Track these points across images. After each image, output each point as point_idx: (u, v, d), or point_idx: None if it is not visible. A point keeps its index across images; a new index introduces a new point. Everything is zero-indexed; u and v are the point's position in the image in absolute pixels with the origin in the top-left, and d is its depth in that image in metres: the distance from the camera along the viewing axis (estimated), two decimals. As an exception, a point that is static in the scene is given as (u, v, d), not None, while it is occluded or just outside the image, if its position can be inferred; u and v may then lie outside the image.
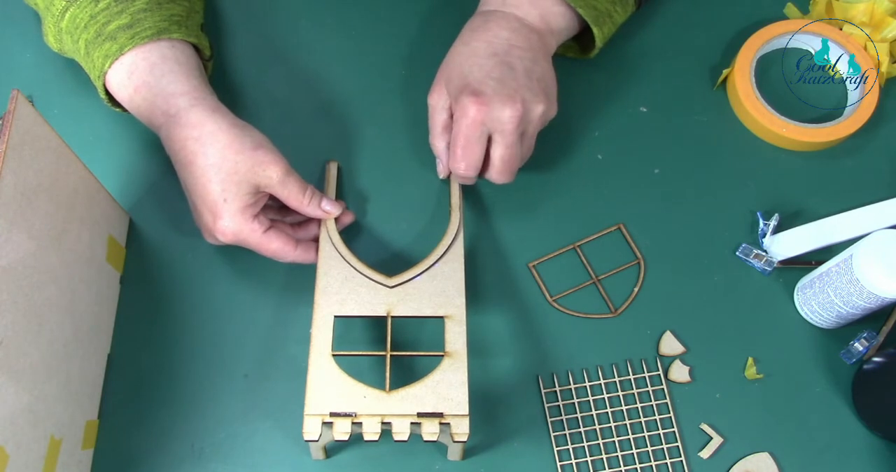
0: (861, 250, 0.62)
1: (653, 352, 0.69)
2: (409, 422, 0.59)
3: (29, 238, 0.55)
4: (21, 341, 0.54)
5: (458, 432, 0.59)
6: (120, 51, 0.64)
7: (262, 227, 0.64)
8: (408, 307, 0.64)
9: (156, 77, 0.65)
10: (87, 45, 0.65)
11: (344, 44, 0.79)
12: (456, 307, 0.64)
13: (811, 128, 0.75)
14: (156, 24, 0.65)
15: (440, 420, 0.59)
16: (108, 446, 0.66)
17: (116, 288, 0.70)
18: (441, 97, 0.68)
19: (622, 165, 0.75)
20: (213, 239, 0.66)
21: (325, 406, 0.59)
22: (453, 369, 0.61)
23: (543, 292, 0.71)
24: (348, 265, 0.66)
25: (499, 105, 0.63)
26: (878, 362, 0.67)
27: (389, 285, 0.65)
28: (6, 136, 0.52)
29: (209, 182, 0.62)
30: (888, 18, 0.78)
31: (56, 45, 0.70)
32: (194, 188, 0.63)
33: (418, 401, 0.60)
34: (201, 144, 0.62)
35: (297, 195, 0.65)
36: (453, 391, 0.60)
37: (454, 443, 0.60)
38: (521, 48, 0.66)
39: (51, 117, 0.59)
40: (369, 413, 0.59)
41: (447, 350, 0.62)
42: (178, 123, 0.63)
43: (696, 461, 0.66)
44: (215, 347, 0.69)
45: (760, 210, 0.73)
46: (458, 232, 0.68)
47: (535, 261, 0.72)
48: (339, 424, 0.59)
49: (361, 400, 0.60)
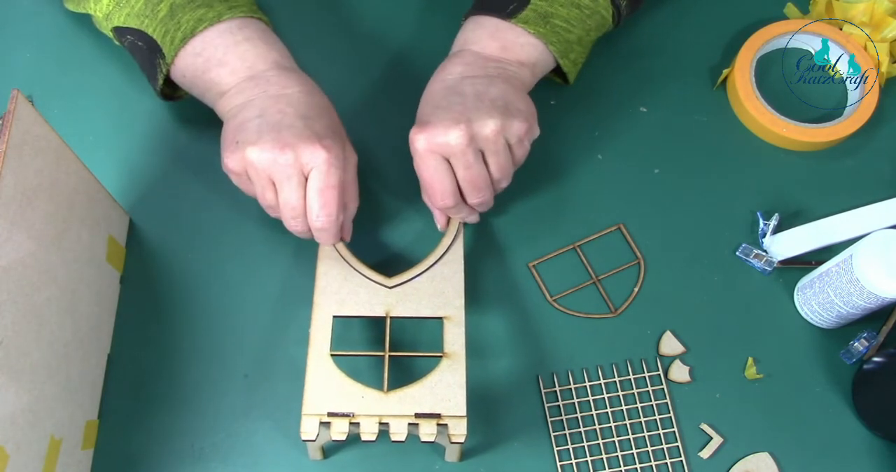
0: (861, 250, 0.62)
1: (653, 352, 0.69)
2: (407, 423, 0.59)
3: (29, 238, 0.55)
4: (21, 341, 0.54)
5: (455, 433, 0.59)
6: (218, 18, 0.65)
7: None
8: (406, 308, 0.64)
9: (268, 35, 0.67)
10: (172, 7, 0.65)
11: (342, 44, 0.79)
12: (455, 308, 0.64)
13: (811, 128, 0.75)
14: (247, 4, 0.67)
15: (438, 421, 0.59)
16: (108, 446, 0.66)
17: (116, 288, 0.70)
18: (415, 145, 0.64)
19: (622, 165, 0.75)
20: (309, 152, 0.60)
21: (322, 406, 0.59)
22: (451, 371, 0.61)
23: (543, 291, 0.71)
24: (348, 265, 0.66)
25: (442, 130, 0.62)
26: (878, 362, 0.67)
27: (389, 285, 0.65)
28: (6, 136, 0.52)
29: (335, 115, 0.66)
30: (888, 18, 0.78)
31: (107, 9, 0.67)
32: (319, 112, 0.64)
33: (416, 402, 0.59)
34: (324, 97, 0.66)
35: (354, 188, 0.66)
36: (451, 393, 0.60)
37: (451, 444, 0.60)
38: (473, 77, 0.65)
39: (51, 117, 0.59)
40: (367, 414, 0.59)
41: (446, 351, 0.62)
42: (296, 70, 0.66)
43: (696, 461, 0.66)
44: (215, 347, 0.69)
45: (760, 210, 0.73)
46: (458, 233, 0.68)
47: (535, 261, 0.72)
48: (337, 424, 0.59)
49: (359, 400, 0.60)
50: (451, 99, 0.64)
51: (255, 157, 0.60)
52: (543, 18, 0.67)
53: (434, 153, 0.63)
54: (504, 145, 0.64)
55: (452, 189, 0.64)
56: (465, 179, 0.64)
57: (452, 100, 0.63)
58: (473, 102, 0.63)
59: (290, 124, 0.61)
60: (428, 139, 0.62)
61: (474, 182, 0.64)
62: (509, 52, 0.67)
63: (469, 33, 0.69)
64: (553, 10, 0.67)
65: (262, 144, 0.60)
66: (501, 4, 0.67)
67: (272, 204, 0.63)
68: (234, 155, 0.61)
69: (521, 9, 0.67)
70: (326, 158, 0.60)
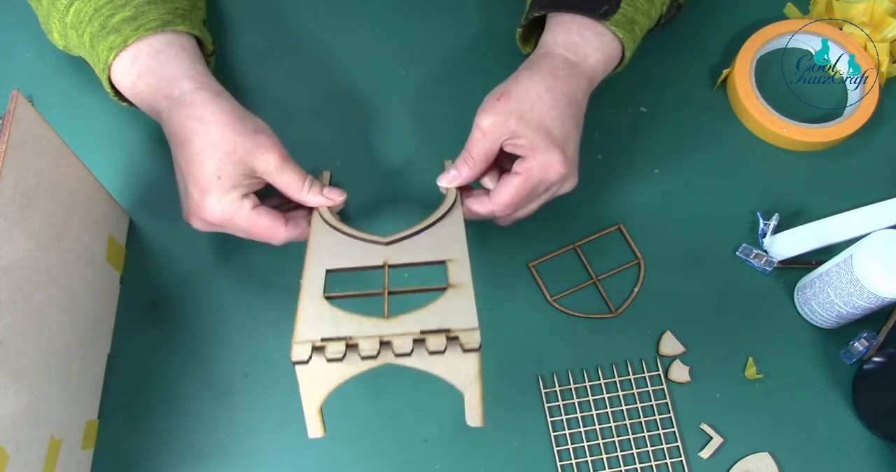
0: (861, 250, 0.62)
1: (653, 352, 0.69)
2: (412, 339, 0.51)
3: (29, 238, 0.55)
4: (21, 341, 0.55)
5: (468, 341, 0.51)
6: (124, 43, 0.64)
7: (251, 203, 0.62)
8: (406, 257, 0.59)
9: (160, 62, 0.64)
10: (91, 38, 0.65)
11: (344, 43, 0.79)
12: (458, 252, 0.58)
13: (811, 128, 0.75)
14: (160, 17, 0.65)
15: (447, 335, 0.51)
16: (108, 446, 0.66)
17: (116, 288, 0.70)
18: (500, 128, 0.63)
19: (622, 165, 0.75)
20: (199, 221, 0.62)
21: (316, 333, 0.53)
22: (459, 295, 0.54)
23: (543, 291, 0.71)
24: (341, 233, 0.62)
25: (572, 178, 0.65)
26: (878, 362, 0.67)
27: (384, 242, 0.61)
28: (6, 136, 0.52)
29: (206, 159, 0.61)
30: (888, 18, 0.78)
31: (62, 43, 0.70)
32: (189, 167, 0.61)
33: (422, 322, 0.52)
34: (203, 123, 0.61)
35: (297, 183, 0.63)
36: (460, 313, 0.53)
37: (465, 353, 0.51)
38: (582, 108, 0.66)
39: (51, 117, 0.59)
40: (366, 335, 0.52)
41: (451, 283, 0.56)
42: (182, 103, 0.63)
43: (696, 461, 0.66)
44: (215, 347, 0.69)
45: (760, 210, 0.73)
46: (456, 201, 0.65)
47: (535, 261, 0.72)
48: (332, 346, 0.52)
49: (357, 326, 0.53)
50: (576, 138, 0.65)
51: (199, 227, 0.64)
52: (629, 24, 0.67)
53: (534, 177, 0.63)
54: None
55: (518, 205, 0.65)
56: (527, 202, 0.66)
57: (577, 139, 0.65)
58: (574, 147, 0.65)
59: (182, 193, 0.64)
60: (560, 178, 0.63)
61: (531, 207, 0.66)
62: (609, 65, 0.68)
63: (575, 36, 0.66)
64: (636, 17, 0.68)
65: (188, 218, 0.64)
66: (594, 4, 0.66)
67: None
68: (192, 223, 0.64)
69: (612, 11, 0.66)
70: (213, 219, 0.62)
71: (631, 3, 0.67)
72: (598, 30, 0.66)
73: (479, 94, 0.69)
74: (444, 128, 0.74)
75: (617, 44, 0.67)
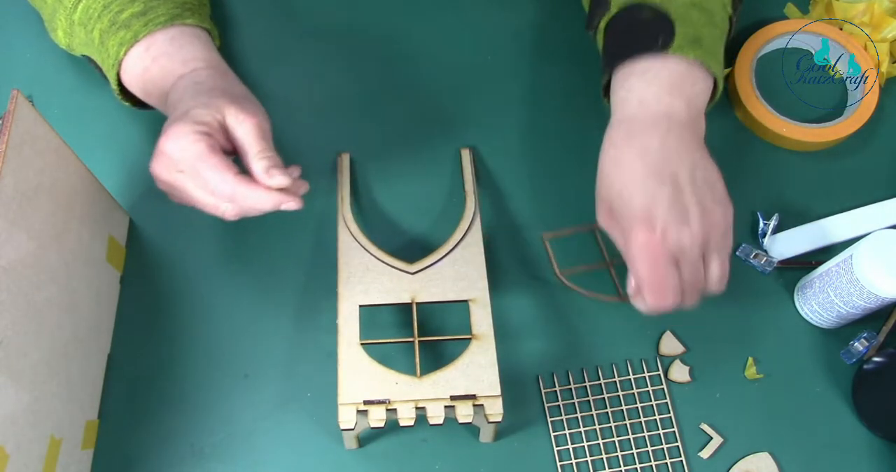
0: (861, 250, 0.62)
1: (653, 352, 0.69)
2: (443, 406, 0.59)
3: (29, 238, 0.55)
4: (21, 341, 0.55)
5: (491, 412, 0.59)
6: (134, 38, 0.64)
7: (210, 140, 0.57)
8: (431, 293, 0.65)
9: (175, 47, 0.64)
10: (101, 34, 0.65)
11: (348, 40, 0.79)
12: (479, 290, 0.65)
13: (811, 128, 0.75)
14: (169, 11, 0.66)
15: (473, 402, 0.60)
16: (108, 446, 0.66)
17: (116, 288, 0.70)
18: (612, 228, 0.62)
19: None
20: (157, 156, 0.58)
21: (358, 395, 0.60)
22: (482, 351, 0.62)
23: (553, 265, 0.68)
24: (368, 254, 0.66)
25: (675, 227, 0.58)
26: (878, 362, 0.67)
27: (411, 271, 0.66)
28: (6, 136, 0.52)
29: (188, 97, 0.59)
30: (888, 18, 0.78)
31: (65, 41, 0.69)
32: (171, 114, 0.59)
33: (450, 385, 0.60)
34: (198, 85, 0.61)
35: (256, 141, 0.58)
36: (484, 373, 0.61)
37: (488, 424, 0.61)
38: (677, 153, 0.60)
39: (51, 117, 0.59)
40: (403, 399, 0.60)
41: (474, 333, 0.63)
42: (187, 78, 0.62)
43: (696, 461, 0.66)
44: (215, 347, 0.69)
45: (760, 210, 0.73)
46: (475, 216, 0.69)
47: (550, 233, 0.69)
48: (374, 411, 0.59)
49: (394, 387, 0.60)
50: (645, 193, 0.58)
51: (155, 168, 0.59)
52: (695, 42, 0.63)
53: (666, 252, 0.58)
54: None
55: (676, 286, 0.59)
56: (688, 278, 0.59)
57: (670, 192, 0.58)
58: (691, 189, 0.59)
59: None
60: (657, 241, 0.58)
61: (696, 282, 0.59)
62: (692, 107, 0.62)
63: (644, 91, 0.62)
64: (699, 33, 0.64)
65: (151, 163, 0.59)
66: (648, 42, 0.63)
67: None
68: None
69: (670, 40, 0.62)
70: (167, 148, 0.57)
71: (686, 24, 0.63)
72: (664, 64, 0.62)
73: (482, 92, 0.69)
74: (450, 126, 0.75)
75: (687, 67, 0.63)
